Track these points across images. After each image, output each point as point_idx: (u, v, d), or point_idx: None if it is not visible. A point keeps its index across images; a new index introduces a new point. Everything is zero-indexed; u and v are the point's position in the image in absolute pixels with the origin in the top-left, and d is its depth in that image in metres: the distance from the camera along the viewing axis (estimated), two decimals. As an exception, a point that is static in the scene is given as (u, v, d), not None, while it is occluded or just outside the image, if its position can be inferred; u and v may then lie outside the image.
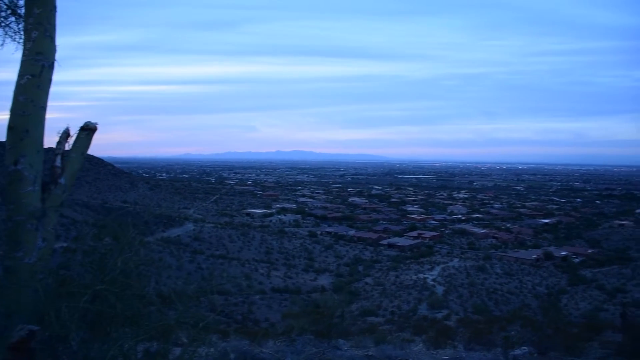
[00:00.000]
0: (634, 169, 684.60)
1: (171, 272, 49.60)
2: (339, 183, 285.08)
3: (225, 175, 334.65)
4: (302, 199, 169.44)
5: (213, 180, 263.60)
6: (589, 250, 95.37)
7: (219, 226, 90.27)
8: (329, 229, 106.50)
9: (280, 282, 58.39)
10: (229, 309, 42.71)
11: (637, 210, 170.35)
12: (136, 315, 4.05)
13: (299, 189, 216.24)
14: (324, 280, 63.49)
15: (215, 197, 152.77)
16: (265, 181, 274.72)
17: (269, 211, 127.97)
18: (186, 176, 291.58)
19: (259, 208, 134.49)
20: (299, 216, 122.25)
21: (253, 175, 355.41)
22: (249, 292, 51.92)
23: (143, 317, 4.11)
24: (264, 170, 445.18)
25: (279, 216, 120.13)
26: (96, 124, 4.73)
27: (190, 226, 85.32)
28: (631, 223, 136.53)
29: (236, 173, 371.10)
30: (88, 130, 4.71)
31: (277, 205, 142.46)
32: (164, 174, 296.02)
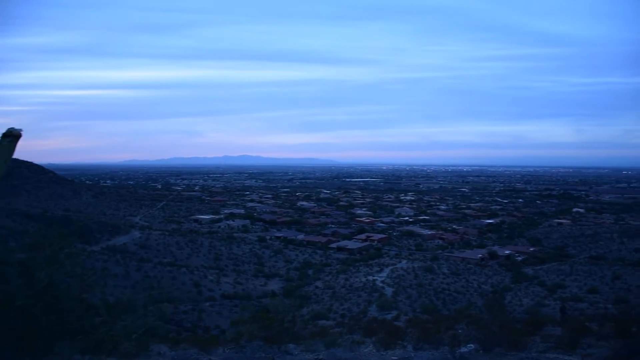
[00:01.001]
0: (571, 170, 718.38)
1: (117, 281, 48.31)
2: (288, 187, 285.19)
3: (172, 181, 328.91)
4: (250, 204, 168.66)
5: (159, 186, 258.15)
6: (531, 249, 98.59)
7: (167, 233, 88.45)
8: (278, 234, 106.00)
9: (230, 288, 57.69)
10: (178, 317, 41.95)
11: (574, 209, 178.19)
12: (70, 329, 3.86)
13: (247, 194, 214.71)
14: (274, 285, 63.19)
15: (162, 204, 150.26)
16: (213, 187, 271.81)
17: (217, 217, 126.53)
18: (131, 183, 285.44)
19: (207, 214, 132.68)
20: (247, 221, 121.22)
21: (200, 180, 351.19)
22: (198, 299, 51.16)
23: (80, 330, 3.92)
24: (211, 175, 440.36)
25: (228, 222, 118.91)
26: (20, 130, 4.42)
27: (136, 234, 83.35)
28: (569, 221, 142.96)
29: (183, 179, 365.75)
30: (11, 136, 4.39)
31: (226, 211, 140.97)
32: (108, 181, 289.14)
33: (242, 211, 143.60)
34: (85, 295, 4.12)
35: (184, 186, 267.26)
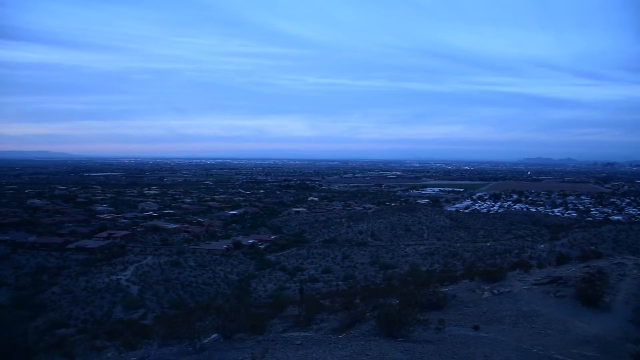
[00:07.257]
0: (306, 162, 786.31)
1: None
2: (15, 184, 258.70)
3: None
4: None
5: None
6: (272, 236, 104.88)
7: None
8: (3, 237, 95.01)
9: (-59, 306, 49.71)
10: None
11: (310, 198, 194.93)
12: None
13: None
14: (1, 297, 56.34)
15: None
16: None
17: None
18: None
19: None
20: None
21: None
22: None
23: None
24: None
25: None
26: None
27: None
28: (305, 209, 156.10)
29: None
30: None
31: None
32: None
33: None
34: None
35: None
